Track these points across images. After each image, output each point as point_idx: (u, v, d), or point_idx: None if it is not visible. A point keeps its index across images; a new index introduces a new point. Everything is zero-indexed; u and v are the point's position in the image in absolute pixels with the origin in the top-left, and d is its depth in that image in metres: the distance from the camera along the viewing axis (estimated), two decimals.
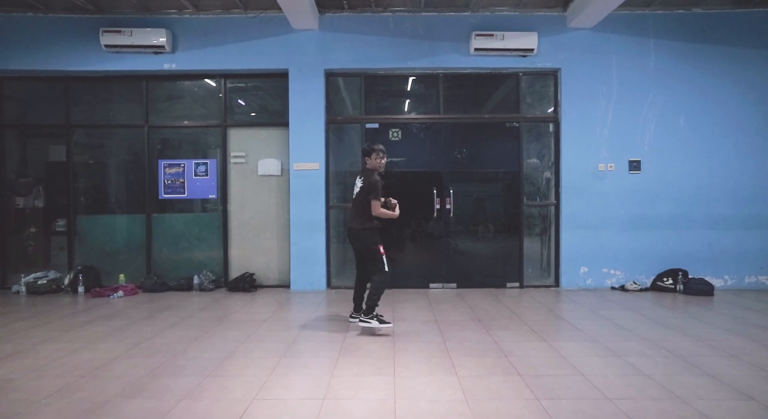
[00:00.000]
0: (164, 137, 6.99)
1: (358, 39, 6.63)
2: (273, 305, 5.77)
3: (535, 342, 4.17)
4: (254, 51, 6.61)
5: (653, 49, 6.62)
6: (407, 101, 7.05)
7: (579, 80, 6.63)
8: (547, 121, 6.81)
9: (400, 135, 6.81)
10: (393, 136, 6.81)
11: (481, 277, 6.80)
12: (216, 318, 5.10)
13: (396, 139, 6.82)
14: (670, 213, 6.62)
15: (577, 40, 6.63)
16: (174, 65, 6.60)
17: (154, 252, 6.90)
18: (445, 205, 6.73)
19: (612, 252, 6.65)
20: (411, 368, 3.57)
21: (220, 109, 6.88)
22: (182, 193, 6.92)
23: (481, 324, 4.82)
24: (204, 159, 6.93)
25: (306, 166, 6.63)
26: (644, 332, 4.48)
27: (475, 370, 3.51)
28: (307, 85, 6.63)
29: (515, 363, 3.65)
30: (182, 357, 3.82)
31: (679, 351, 3.91)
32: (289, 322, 4.96)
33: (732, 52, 6.60)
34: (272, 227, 6.93)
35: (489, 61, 6.62)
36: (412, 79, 6.93)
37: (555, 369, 3.53)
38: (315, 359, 3.78)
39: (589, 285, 6.65)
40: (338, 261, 6.90)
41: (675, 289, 6.34)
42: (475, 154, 6.93)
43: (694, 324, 4.76)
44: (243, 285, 6.61)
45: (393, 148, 6.85)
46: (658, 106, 6.62)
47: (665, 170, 6.61)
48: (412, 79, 6.93)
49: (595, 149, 6.64)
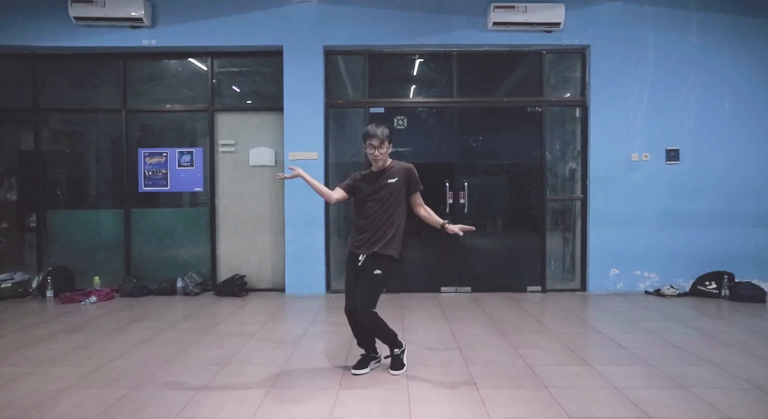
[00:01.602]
0: (144, 123, 6.25)
1: (362, 12, 5.87)
2: (265, 313, 5.07)
3: (576, 367, 3.46)
4: (244, 26, 5.86)
5: (695, 24, 5.86)
6: (416, 83, 6.30)
7: (610, 59, 5.87)
8: (573, 105, 6.06)
9: (405, 122, 6.06)
10: (398, 124, 6.07)
11: (498, 280, 6.09)
12: (198, 331, 4.40)
13: (401, 126, 6.08)
14: (711, 209, 5.89)
15: (608, 14, 5.86)
16: (154, 41, 5.85)
17: (134, 251, 6.19)
18: (458, 200, 6.01)
19: (645, 252, 5.93)
20: (430, 406, 2.86)
21: (207, 91, 6.13)
22: (165, 186, 6.19)
23: (506, 339, 4.12)
24: (189, 147, 6.19)
25: (303, 156, 5.89)
26: (703, 352, 3.76)
27: (511, 409, 2.80)
28: (304, 64, 5.88)
29: (559, 397, 2.94)
30: (148, 387, 3.12)
31: (758, 380, 3.20)
32: (282, 336, 4.26)
33: None
34: (265, 223, 6.21)
35: (509, 38, 5.86)
36: (422, 57, 6.17)
37: (611, 407, 2.82)
38: (309, 392, 3.07)
39: (620, 290, 5.94)
40: (339, 262, 6.18)
41: (719, 295, 5.62)
42: (492, 142, 6.19)
43: (757, 340, 4.05)
44: (232, 289, 5.91)
45: (400, 136, 6.13)
46: (700, 88, 5.87)
47: (707, 161, 5.87)
48: (423, 57, 6.17)
49: (627, 137, 5.90)
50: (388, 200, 3.26)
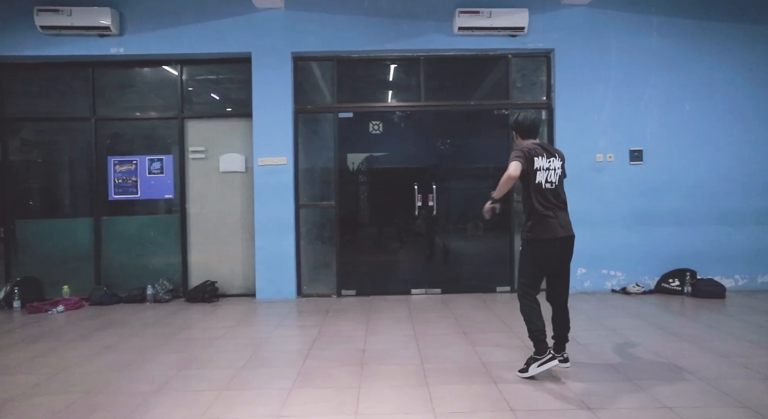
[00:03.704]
0: (114, 131, 6.26)
1: (329, 19, 5.94)
2: (233, 318, 5.07)
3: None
4: (213, 33, 5.90)
5: (656, 28, 5.98)
6: (385, 88, 6.38)
7: (574, 62, 5.98)
8: (539, 108, 6.15)
9: (381, 127, 6.12)
10: (374, 129, 6.13)
11: (468, 281, 6.14)
12: (163, 337, 4.40)
13: (377, 131, 6.14)
14: (675, 208, 5.99)
15: (572, 18, 5.98)
16: (122, 49, 5.87)
17: (104, 259, 6.17)
18: (427, 202, 6.06)
19: (612, 252, 6.02)
20: (378, 402, 2.89)
21: (177, 98, 6.16)
22: (135, 193, 6.19)
23: (467, 338, 4.16)
24: (159, 155, 6.20)
25: (272, 161, 5.93)
26: (657, 346, 3.83)
27: (457, 404, 2.84)
28: (273, 71, 5.93)
29: (506, 392, 2.99)
30: (101, 392, 3.12)
31: (702, 371, 3.27)
32: (246, 340, 4.27)
33: (745, 31, 5.97)
34: (237, 230, 6.22)
35: (475, 42, 5.95)
36: (390, 62, 6.24)
37: (556, 401, 2.87)
38: (263, 391, 3.10)
39: (588, 289, 6.02)
40: (310, 267, 6.21)
41: (682, 291, 5.72)
42: (460, 144, 6.27)
43: (713, 335, 4.12)
44: (203, 296, 5.90)
45: (370, 141, 6.19)
46: (662, 90, 5.99)
47: (670, 161, 5.98)
48: (390, 62, 6.24)
49: (592, 138, 6.00)
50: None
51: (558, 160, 3.31)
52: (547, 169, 3.26)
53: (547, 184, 3.24)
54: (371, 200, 6.28)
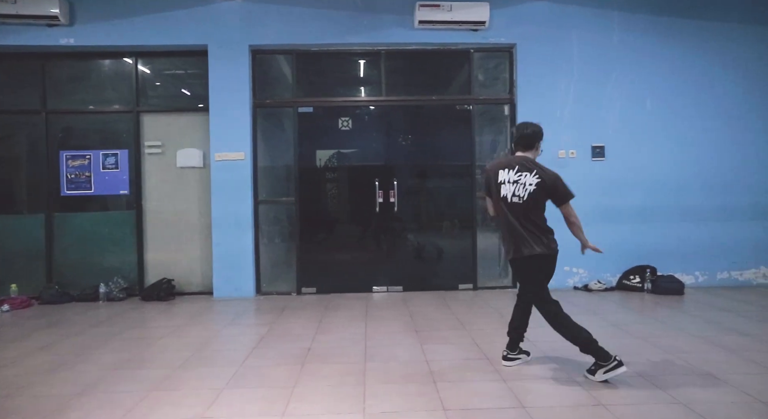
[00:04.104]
0: (66, 125, 6.06)
1: (288, 11, 5.81)
2: (184, 317, 4.94)
3: (475, 361, 3.45)
4: (168, 24, 5.74)
5: (617, 24, 5.97)
6: (345, 82, 6.28)
7: (536, 57, 5.94)
8: (501, 103, 6.10)
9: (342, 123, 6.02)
10: (334, 124, 6.03)
11: (430, 279, 6.07)
12: (105, 336, 4.25)
13: (338, 126, 6.04)
14: (637, 204, 5.98)
15: (533, 13, 5.93)
16: (72, 40, 5.68)
17: (56, 257, 5.98)
18: (389, 199, 5.97)
19: (574, 248, 5.90)
20: (309, 402, 2.80)
21: (132, 92, 5.98)
22: (89, 189, 6.00)
23: (417, 336, 4.08)
24: (114, 149, 6.02)
25: (229, 156, 5.80)
26: (605, 342, 3.78)
27: (391, 403, 2.76)
28: (230, 64, 5.79)
29: (443, 391, 2.92)
30: (21, 395, 2.98)
31: (641, 366, 3.23)
32: (191, 339, 4.14)
33: (704, 27, 5.98)
34: (195, 226, 6.07)
35: (436, 36, 5.88)
36: (350, 56, 6.14)
37: (492, 399, 2.80)
38: (193, 392, 2.98)
39: (550, 286, 5.91)
40: (270, 264, 6.09)
41: (643, 288, 5.71)
42: (422, 140, 6.20)
43: (662, 331, 4.11)
44: (158, 294, 5.75)
45: (331, 136, 6.10)
46: (624, 86, 5.97)
47: (632, 157, 5.97)
48: (351, 56, 6.14)
49: (554, 134, 5.92)
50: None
51: (533, 177, 3.12)
52: (514, 183, 3.13)
53: (514, 198, 3.12)
54: (332, 196, 6.18)
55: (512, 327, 3.42)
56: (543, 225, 3.16)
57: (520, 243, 3.12)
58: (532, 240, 3.09)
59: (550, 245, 3.12)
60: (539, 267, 3.13)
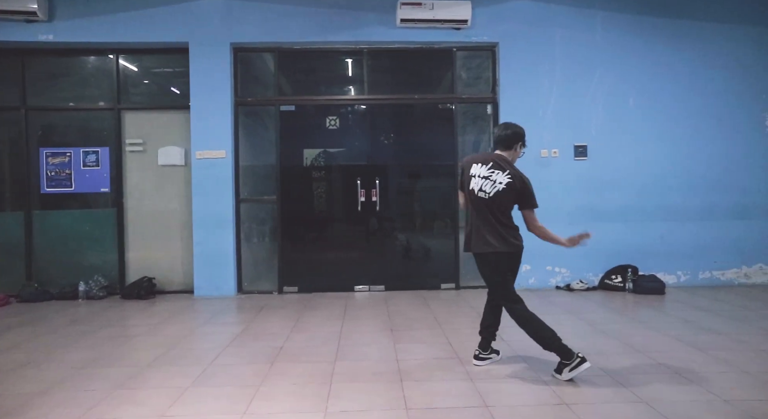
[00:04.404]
0: (46, 122, 6.03)
1: (270, 9, 5.78)
2: (161, 315, 4.91)
3: (445, 360, 3.44)
4: (148, 21, 5.70)
5: (600, 23, 5.96)
6: (328, 80, 6.24)
7: (519, 56, 5.92)
8: (484, 102, 6.09)
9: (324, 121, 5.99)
10: (317, 122, 6.01)
11: (413, 278, 6.05)
12: (78, 335, 4.22)
13: (320, 125, 6.03)
14: (619, 204, 5.98)
15: (516, 11, 5.92)
16: (51, 36, 5.64)
17: (36, 255, 5.94)
18: (371, 198, 5.95)
19: (557, 248, 5.81)
20: (273, 401, 2.78)
21: (113, 89, 5.95)
22: (69, 187, 5.97)
23: (392, 336, 4.07)
24: (95, 147, 5.99)
25: (210, 154, 5.77)
26: (580, 344, 3.77)
27: (353, 402, 2.74)
28: (211, 61, 5.76)
29: (408, 390, 2.90)
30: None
31: (610, 365, 3.22)
32: (165, 337, 4.11)
33: (687, 27, 5.98)
34: (176, 225, 6.04)
35: (418, 35, 5.86)
36: (333, 55, 6.12)
37: (457, 398, 2.78)
38: (158, 390, 2.95)
39: (532, 285, 5.97)
40: (251, 263, 6.06)
41: (624, 288, 5.70)
42: (405, 139, 6.18)
43: (637, 330, 4.10)
44: (139, 292, 5.72)
45: (313, 134, 6.08)
46: (607, 85, 5.96)
47: (614, 156, 5.96)
48: (333, 55, 6.12)
49: (537, 133, 5.92)
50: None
51: (505, 176, 3.08)
52: (484, 178, 3.12)
53: (480, 193, 3.11)
54: (315, 195, 6.15)
55: (484, 326, 3.40)
56: (506, 222, 3.14)
57: (479, 238, 3.14)
58: (491, 236, 3.09)
59: (510, 241, 3.11)
60: (497, 264, 3.12)
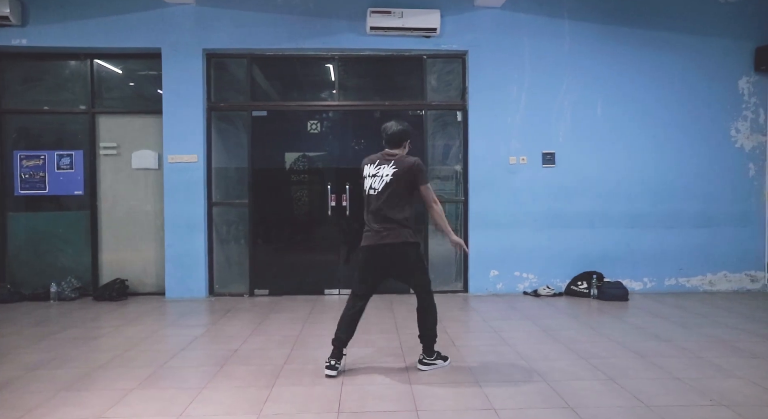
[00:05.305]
0: (21, 125, 6.10)
1: (242, 15, 5.86)
2: (128, 317, 4.97)
3: (391, 364, 3.51)
4: (121, 27, 5.78)
5: (568, 32, 6.04)
6: (299, 86, 6.33)
7: (488, 64, 6.00)
8: (454, 109, 6.17)
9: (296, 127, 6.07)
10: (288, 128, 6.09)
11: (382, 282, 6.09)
12: (38, 336, 4.28)
13: (292, 130, 6.11)
14: (586, 211, 6.05)
15: (485, 20, 6.00)
16: (25, 41, 5.72)
17: (10, 256, 6.01)
18: (341, 202, 6.03)
19: (525, 254, 6.06)
20: (211, 403, 2.85)
21: (87, 93, 6.02)
22: (43, 189, 6.04)
23: None
24: (69, 150, 6.06)
25: (182, 159, 5.84)
26: (527, 350, 3.85)
27: (289, 405, 2.81)
28: (184, 67, 5.84)
29: (347, 394, 2.97)
30: None
31: (552, 373, 3.29)
32: (124, 339, 4.18)
33: (652, 37, 6.06)
34: (149, 227, 6.11)
35: (389, 42, 5.94)
36: (304, 61, 6.20)
37: (390, 402, 2.85)
38: (101, 392, 3.02)
39: (500, 291, 6.04)
40: (222, 266, 6.13)
41: (589, 294, 5.78)
42: (376, 145, 6.17)
43: (586, 336, 4.17)
44: (111, 294, 5.79)
45: (285, 140, 6.15)
46: (574, 93, 6.04)
47: (581, 164, 6.04)
48: (305, 61, 6.20)
49: (505, 140, 6.03)
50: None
51: (390, 168, 3.23)
52: (373, 176, 3.28)
53: (370, 191, 3.27)
54: (286, 199, 6.23)
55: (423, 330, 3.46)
56: (400, 220, 3.23)
57: (373, 235, 3.24)
58: (386, 232, 3.20)
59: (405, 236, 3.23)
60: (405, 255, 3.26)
